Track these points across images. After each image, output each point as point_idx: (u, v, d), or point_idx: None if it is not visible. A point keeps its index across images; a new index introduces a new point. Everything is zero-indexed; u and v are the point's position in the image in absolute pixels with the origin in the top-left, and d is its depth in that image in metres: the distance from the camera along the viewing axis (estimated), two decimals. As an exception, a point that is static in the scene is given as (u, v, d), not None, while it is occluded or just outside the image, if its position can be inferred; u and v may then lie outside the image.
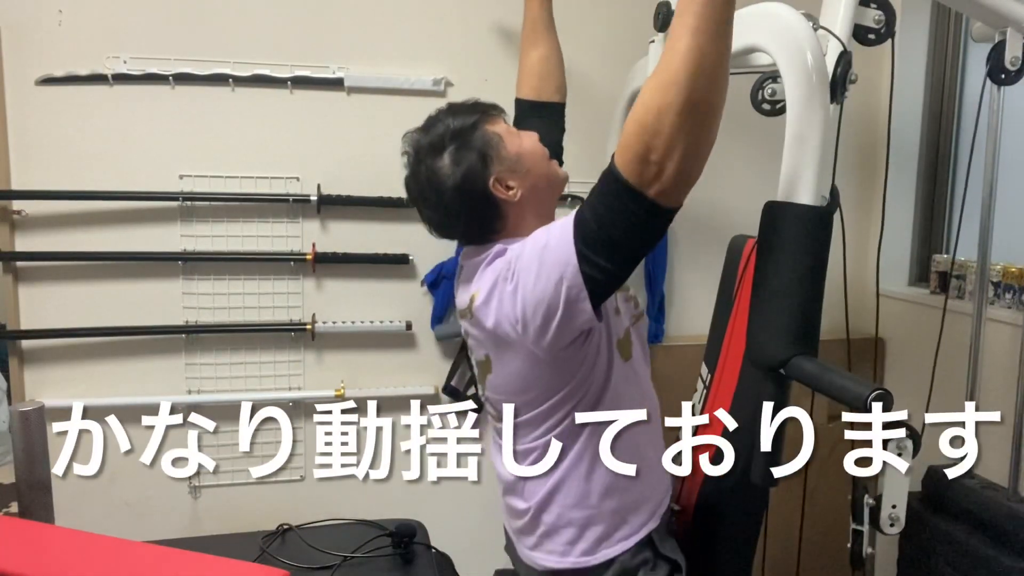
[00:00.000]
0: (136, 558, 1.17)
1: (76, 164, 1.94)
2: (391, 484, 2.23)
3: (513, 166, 1.28)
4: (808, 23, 1.14)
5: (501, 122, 1.33)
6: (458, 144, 1.27)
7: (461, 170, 1.25)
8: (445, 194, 1.28)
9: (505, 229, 1.30)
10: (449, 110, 1.36)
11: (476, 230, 1.31)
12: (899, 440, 1.09)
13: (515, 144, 1.29)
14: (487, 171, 1.25)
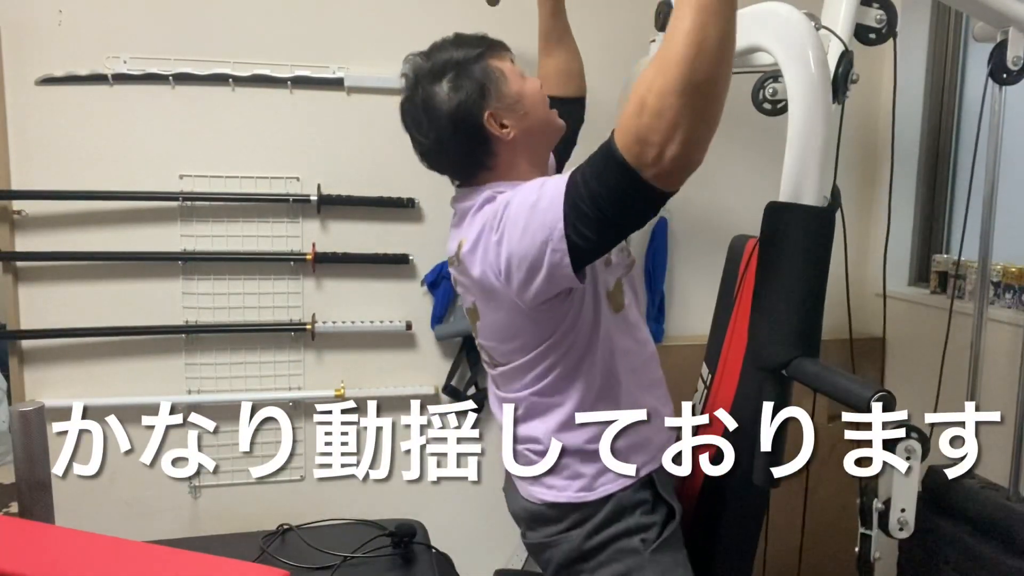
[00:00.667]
0: (136, 558, 1.17)
1: (76, 164, 1.94)
2: (391, 484, 2.23)
3: (511, 104, 1.25)
4: (810, 23, 1.14)
5: (508, 60, 1.31)
6: (458, 72, 1.25)
7: (457, 98, 1.23)
8: (438, 121, 1.25)
9: (496, 168, 1.28)
10: (455, 40, 1.34)
11: (465, 164, 1.30)
12: (907, 444, 1.09)
13: (517, 83, 1.27)
14: (483, 104, 1.23)
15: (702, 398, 1.65)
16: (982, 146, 1.71)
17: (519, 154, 1.28)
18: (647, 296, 2.25)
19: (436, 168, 1.38)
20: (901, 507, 1.18)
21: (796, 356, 1.07)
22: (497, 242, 1.15)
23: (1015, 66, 1.56)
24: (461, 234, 1.26)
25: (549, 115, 1.33)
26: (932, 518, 1.74)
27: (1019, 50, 1.54)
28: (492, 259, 1.17)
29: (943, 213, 2.34)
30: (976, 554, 1.64)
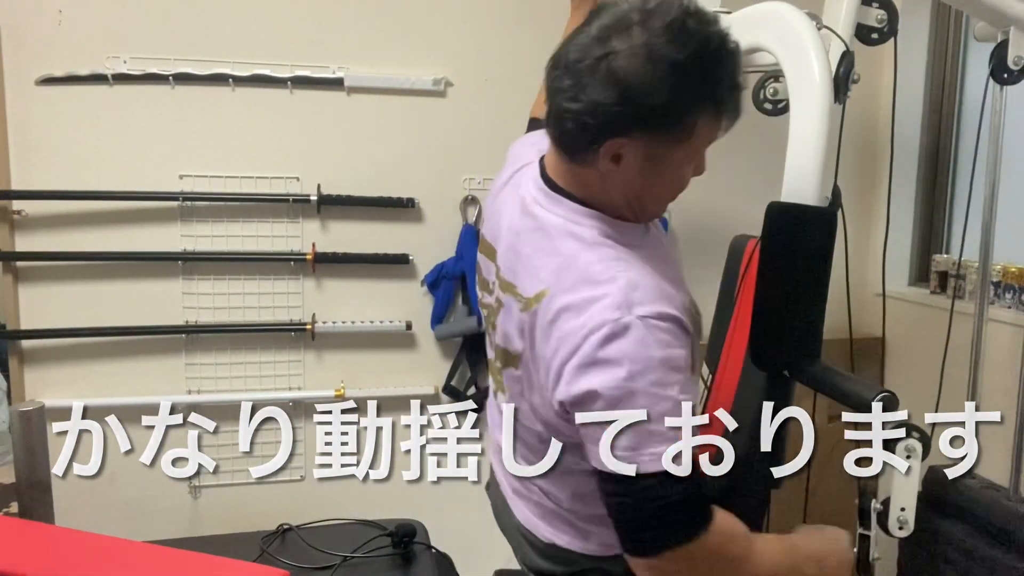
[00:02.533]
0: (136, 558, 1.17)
1: (76, 164, 1.94)
2: (391, 484, 2.23)
3: (657, 164, 0.96)
4: (812, 23, 1.14)
5: (716, 133, 0.98)
6: (677, 69, 0.89)
7: (656, 76, 0.88)
8: (615, 74, 0.89)
9: (594, 171, 0.97)
10: (721, 42, 0.92)
11: (584, 135, 0.93)
12: (908, 443, 1.09)
13: (686, 158, 0.98)
14: (640, 127, 0.92)
15: (702, 398, 1.65)
16: (982, 146, 1.71)
17: (616, 192, 0.99)
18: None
19: (560, 112, 0.95)
20: (901, 506, 1.19)
21: (797, 356, 1.07)
22: (574, 372, 0.93)
23: (1016, 66, 1.55)
24: (541, 278, 0.98)
25: (659, 209, 1.07)
26: (932, 518, 1.74)
27: (1020, 50, 1.54)
28: (555, 371, 0.95)
29: (943, 213, 2.34)
30: (976, 554, 1.64)
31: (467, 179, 2.15)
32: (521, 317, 1.01)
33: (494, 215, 1.16)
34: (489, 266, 1.14)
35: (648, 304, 0.91)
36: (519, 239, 1.04)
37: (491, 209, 1.20)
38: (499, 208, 1.14)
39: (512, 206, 1.08)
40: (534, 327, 0.98)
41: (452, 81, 2.11)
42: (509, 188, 1.13)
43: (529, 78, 2.13)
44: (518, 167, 1.15)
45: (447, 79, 2.10)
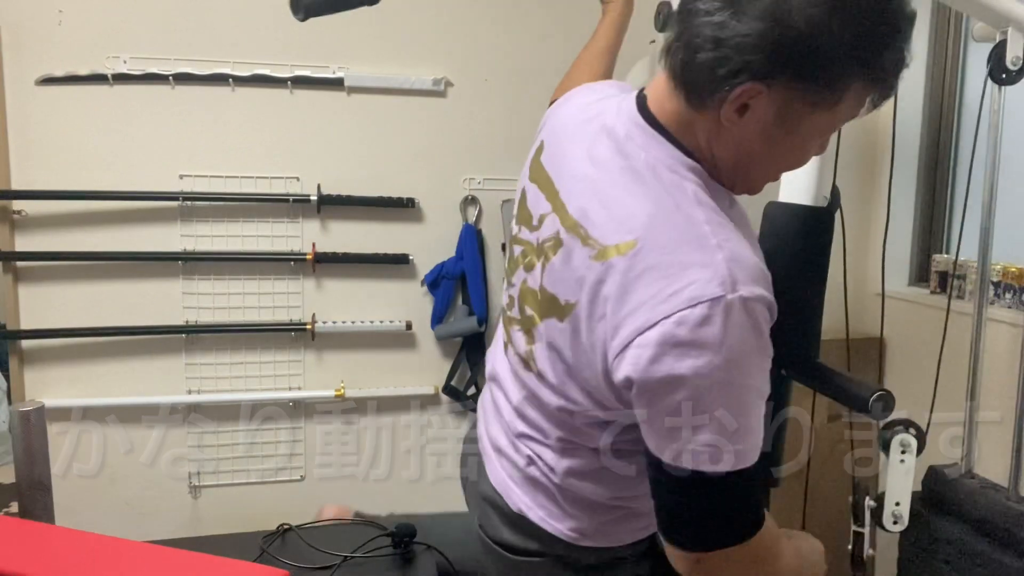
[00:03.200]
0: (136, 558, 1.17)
1: (76, 164, 1.94)
2: (391, 484, 2.25)
3: (792, 126, 0.83)
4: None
5: (865, 101, 0.85)
6: (866, 26, 0.78)
7: (833, 21, 0.76)
8: (785, 6, 0.75)
9: (710, 119, 0.83)
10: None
11: (719, 70, 0.79)
12: (903, 437, 1.09)
13: (830, 124, 0.87)
14: (785, 72, 0.78)
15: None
16: (981, 146, 1.71)
17: (729, 150, 0.86)
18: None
19: (691, 49, 0.82)
20: (896, 501, 1.19)
21: (795, 356, 1.07)
22: (658, 349, 0.79)
23: (1014, 66, 1.56)
24: (624, 229, 0.83)
25: (772, 175, 0.94)
26: (932, 518, 1.75)
27: (1018, 50, 1.54)
28: (628, 353, 0.81)
29: (943, 213, 2.34)
30: (976, 554, 1.64)
31: (467, 179, 2.15)
32: (588, 265, 0.84)
33: (558, 138, 0.99)
34: (539, 198, 0.98)
35: (750, 284, 0.79)
36: (601, 176, 0.88)
37: (555, 130, 1.01)
38: (568, 132, 0.97)
39: (591, 135, 0.92)
40: (603, 281, 0.83)
41: (452, 81, 2.11)
42: (585, 113, 0.97)
43: (529, 78, 2.14)
44: (598, 97, 0.99)
45: (447, 79, 2.10)
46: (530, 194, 1.02)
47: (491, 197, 2.16)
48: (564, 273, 0.90)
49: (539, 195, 0.99)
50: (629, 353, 0.80)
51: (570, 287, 0.88)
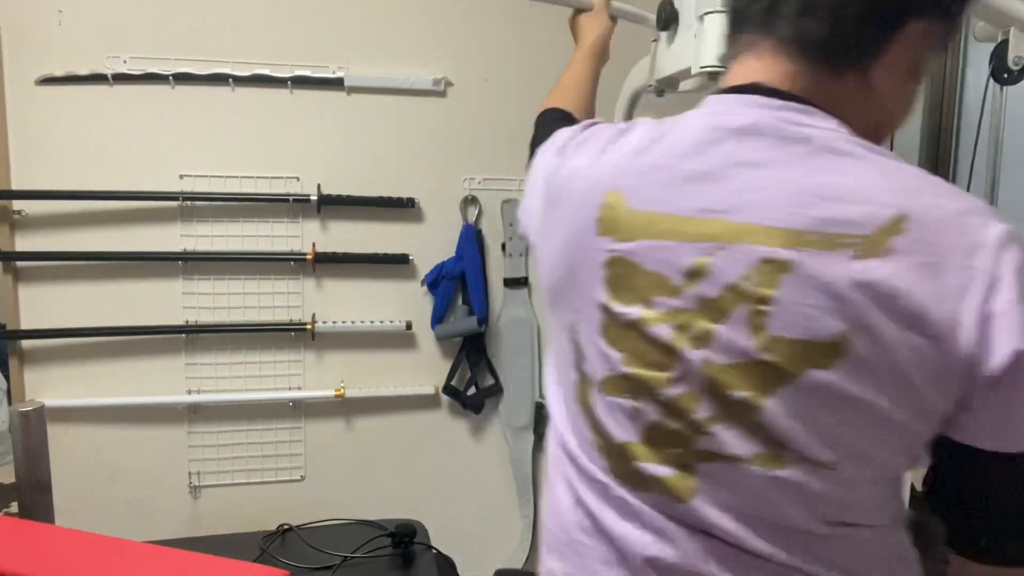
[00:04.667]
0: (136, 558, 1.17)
1: (76, 164, 1.94)
2: (391, 484, 2.24)
3: (926, 57, 0.74)
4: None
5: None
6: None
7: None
8: None
9: (849, 83, 0.73)
10: None
11: (876, 16, 0.71)
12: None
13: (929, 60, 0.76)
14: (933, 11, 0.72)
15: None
16: (982, 146, 1.71)
17: (864, 113, 0.75)
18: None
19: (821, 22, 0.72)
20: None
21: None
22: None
23: (1016, 66, 1.55)
24: (841, 190, 0.67)
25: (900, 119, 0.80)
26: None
27: (1020, 50, 1.54)
28: (997, 325, 0.63)
29: (943, 213, 2.34)
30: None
31: (467, 179, 2.15)
32: (853, 269, 0.65)
33: (658, 172, 0.75)
34: (672, 249, 0.72)
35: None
36: (792, 174, 0.69)
37: (634, 170, 0.76)
38: (676, 158, 0.74)
39: (718, 147, 0.73)
40: (893, 275, 0.64)
41: (452, 81, 2.11)
42: (668, 135, 0.76)
43: (529, 78, 2.14)
44: (653, 124, 0.80)
45: (447, 79, 2.10)
46: (647, 252, 0.73)
47: (491, 197, 2.16)
48: (808, 298, 0.66)
49: (669, 246, 0.72)
50: (1000, 323, 0.63)
51: (827, 311, 0.66)
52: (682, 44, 1.46)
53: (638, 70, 1.74)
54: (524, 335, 2.20)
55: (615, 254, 0.75)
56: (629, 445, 0.76)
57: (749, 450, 0.70)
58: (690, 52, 1.42)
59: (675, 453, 0.74)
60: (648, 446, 0.75)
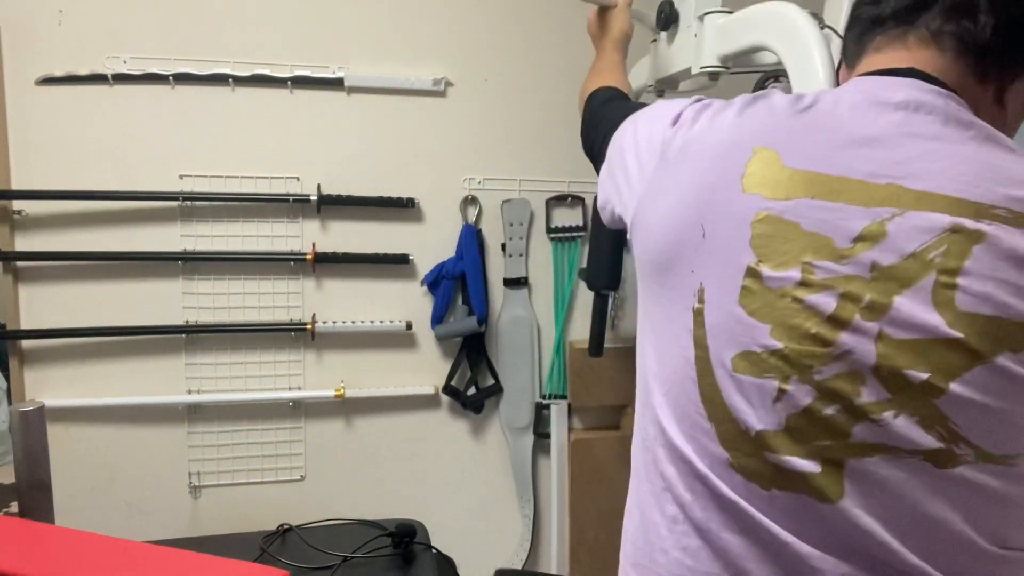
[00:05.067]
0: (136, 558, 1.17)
1: (76, 164, 1.93)
2: (391, 484, 2.24)
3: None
4: (815, 22, 1.14)
5: None
6: None
7: None
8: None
9: (990, 94, 0.73)
10: None
11: (1015, 54, 0.72)
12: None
13: None
14: None
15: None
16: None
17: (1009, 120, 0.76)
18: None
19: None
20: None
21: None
22: None
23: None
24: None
25: None
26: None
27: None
28: None
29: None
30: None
31: (467, 179, 2.15)
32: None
33: (819, 131, 0.70)
34: (837, 211, 0.66)
35: None
36: (965, 150, 0.66)
37: (785, 132, 0.71)
38: (836, 122, 0.70)
39: (884, 117, 0.69)
40: None
41: (452, 81, 2.11)
42: (832, 101, 0.73)
43: (529, 78, 2.15)
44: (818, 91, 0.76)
45: (447, 79, 2.10)
46: (807, 212, 0.67)
47: (491, 197, 2.16)
48: (1001, 273, 0.61)
49: (835, 206, 0.66)
50: None
51: (1022, 290, 0.61)
52: (682, 44, 1.46)
53: (638, 70, 1.74)
54: (524, 335, 2.20)
55: (767, 211, 0.68)
56: (766, 434, 0.66)
57: (922, 442, 0.62)
58: (690, 52, 1.42)
59: (824, 445, 0.64)
60: (791, 436, 0.65)
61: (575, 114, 2.18)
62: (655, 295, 0.78)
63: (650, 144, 0.81)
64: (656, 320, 0.78)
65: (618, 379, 2.22)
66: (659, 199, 0.77)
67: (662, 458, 0.75)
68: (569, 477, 2.24)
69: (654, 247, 0.77)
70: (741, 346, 0.67)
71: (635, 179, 0.82)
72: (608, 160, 0.92)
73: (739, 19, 1.27)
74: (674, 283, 0.74)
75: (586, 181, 2.19)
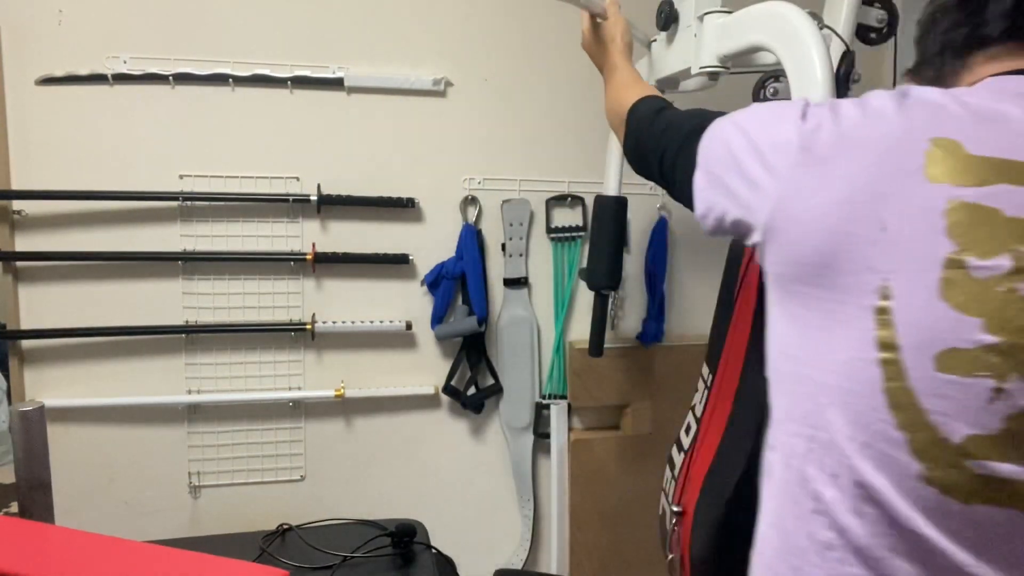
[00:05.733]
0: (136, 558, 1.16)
1: (76, 164, 1.93)
2: (391, 484, 2.24)
3: None
4: (813, 22, 1.14)
5: None
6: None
7: None
8: None
9: None
10: None
11: None
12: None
13: None
14: None
15: (703, 398, 1.65)
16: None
17: None
18: (647, 296, 2.25)
19: None
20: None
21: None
22: None
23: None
24: None
25: None
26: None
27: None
28: None
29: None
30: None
31: (467, 179, 2.15)
32: None
33: (982, 128, 0.69)
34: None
35: None
36: None
37: (959, 121, 0.70)
38: (995, 107, 0.71)
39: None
40: None
41: (452, 81, 2.11)
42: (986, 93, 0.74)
43: (529, 78, 2.15)
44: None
45: (447, 79, 2.10)
46: (1008, 198, 0.65)
47: (491, 197, 2.16)
48: None
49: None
50: None
51: None
52: (682, 44, 1.46)
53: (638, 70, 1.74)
54: (524, 335, 2.20)
55: (959, 199, 0.65)
56: (974, 440, 0.61)
57: None
58: (690, 52, 1.42)
59: None
60: (1009, 440, 0.60)
61: (575, 114, 2.18)
62: (805, 297, 0.73)
63: (776, 143, 0.78)
64: (809, 324, 0.73)
65: (618, 379, 2.22)
66: (810, 197, 0.72)
67: (815, 477, 0.70)
68: (569, 477, 2.25)
69: (808, 247, 0.72)
70: (945, 343, 0.62)
71: (763, 180, 0.77)
72: (705, 166, 0.87)
73: (738, 19, 1.28)
74: (842, 283, 0.69)
75: (586, 181, 2.19)
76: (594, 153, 2.07)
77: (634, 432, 2.24)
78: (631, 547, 2.26)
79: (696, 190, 0.86)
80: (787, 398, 0.76)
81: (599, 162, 1.90)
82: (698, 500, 1.51)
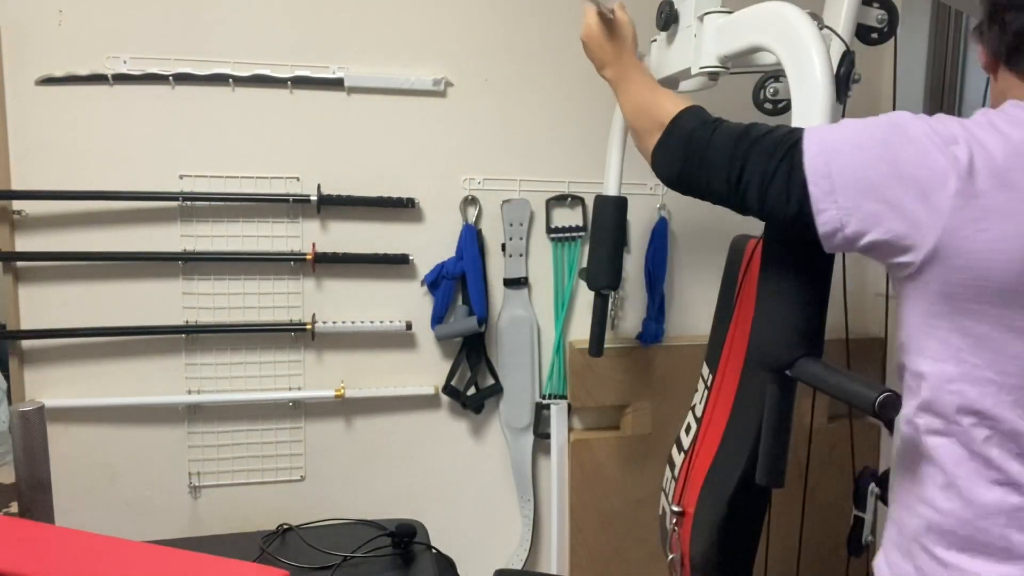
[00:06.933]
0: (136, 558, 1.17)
1: (76, 164, 1.93)
2: (391, 484, 2.24)
3: None
4: (814, 22, 1.14)
5: None
6: None
7: None
8: None
9: None
10: None
11: None
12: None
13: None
14: None
15: (703, 398, 1.65)
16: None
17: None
18: (647, 296, 2.25)
19: None
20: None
21: (800, 356, 1.07)
22: None
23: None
24: None
25: None
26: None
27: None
28: None
29: (943, 213, 2.33)
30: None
31: (467, 179, 2.15)
32: None
33: None
34: None
35: None
36: None
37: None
38: None
39: None
40: None
41: (452, 81, 2.11)
42: None
43: (529, 78, 2.15)
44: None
45: (447, 79, 2.10)
46: None
47: (491, 197, 2.16)
48: None
49: None
50: None
51: None
52: (682, 44, 1.46)
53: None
54: (524, 335, 2.20)
55: None
56: None
57: None
58: (690, 52, 1.42)
59: None
60: None
61: (575, 114, 2.18)
62: (980, 315, 0.84)
63: (934, 167, 0.83)
64: (987, 336, 0.85)
65: (618, 379, 2.22)
66: (1003, 223, 0.81)
67: (999, 456, 0.86)
68: (569, 477, 2.25)
69: (1010, 272, 0.81)
70: None
71: (917, 208, 0.83)
72: (830, 183, 0.90)
73: (738, 19, 1.28)
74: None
75: (586, 181, 2.19)
76: (594, 153, 2.07)
77: (634, 432, 2.24)
78: (631, 547, 2.26)
79: (819, 208, 0.90)
80: (956, 397, 0.87)
81: (599, 162, 1.90)
82: (698, 500, 1.51)
